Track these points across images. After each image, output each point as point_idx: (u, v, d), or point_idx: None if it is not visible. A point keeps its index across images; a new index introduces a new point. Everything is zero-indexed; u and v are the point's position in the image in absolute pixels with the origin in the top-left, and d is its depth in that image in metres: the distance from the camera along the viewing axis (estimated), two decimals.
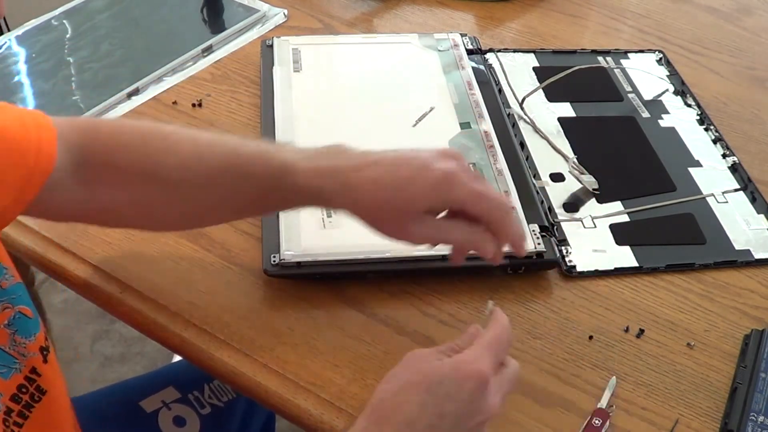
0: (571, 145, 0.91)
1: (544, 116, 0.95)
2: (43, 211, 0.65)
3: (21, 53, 0.99)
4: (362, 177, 0.64)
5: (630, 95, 0.99)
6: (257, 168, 0.65)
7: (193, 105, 0.93)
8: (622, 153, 0.92)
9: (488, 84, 0.96)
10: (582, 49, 1.06)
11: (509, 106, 0.95)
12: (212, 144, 0.67)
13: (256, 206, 0.70)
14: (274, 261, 0.73)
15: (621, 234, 0.81)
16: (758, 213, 0.85)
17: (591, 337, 0.72)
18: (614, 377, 0.69)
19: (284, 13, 1.08)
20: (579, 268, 0.78)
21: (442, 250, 0.74)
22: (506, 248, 0.75)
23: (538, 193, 0.83)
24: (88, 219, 0.71)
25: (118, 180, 0.66)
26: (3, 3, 1.01)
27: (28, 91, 0.93)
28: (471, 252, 0.75)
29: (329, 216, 0.77)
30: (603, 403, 0.67)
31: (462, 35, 1.02)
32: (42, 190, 0.61)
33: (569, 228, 0.82)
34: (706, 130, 0.95)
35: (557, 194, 0.85)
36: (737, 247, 0.81)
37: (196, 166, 0.65)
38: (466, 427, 0.56)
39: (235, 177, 0.65)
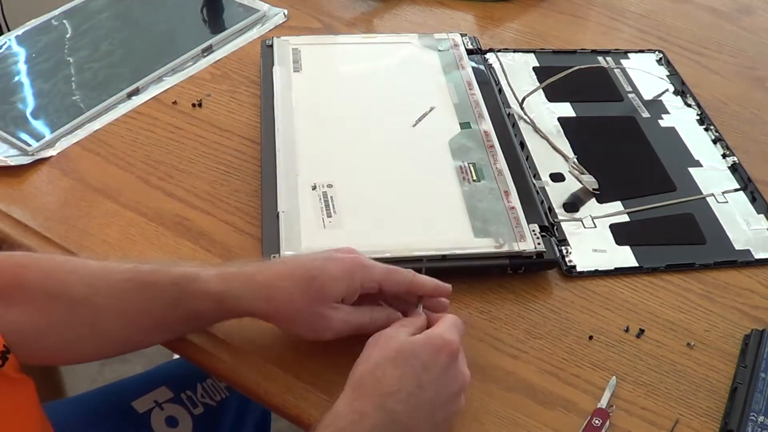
0: (571, 145, 0.91)
1: (544, 116, 0.95)
2: None
3: (21, 53, 0.99)
4: (271, 274, 0.64)
5: (630, 95, 0.99)
6: (159, 276, 0.65)
7: (193, 105, 0.93)
8: (622, 153, 0.92)
9: (488, 84, 0.96)
10: (582, 49, 1.06)
11: (509, 106, 0.95)
12: (115, 264, 0.67)
13: (165, 321, 0.66)
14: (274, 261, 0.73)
15: (621, 234, 0.81)
16: (758, 213, 0.85)
17: (591, 337, 0.72)
18: (614, 377, 0.69)
19: (284, 13, 1.08)
20: (579, 268, 0.78)
21: (442, 250, 0.74)
22: (505, 248, 0.75)
23: (538, 193, 0.83)
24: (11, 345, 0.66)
25: (25, 299, 0.65)
26: None
27: (28, 91, 0.93)
28: (472, 252, 0.75)
29: (329, 216, 0.77)
30: (603, 403, 0.67)
31: (462, 35, 1.02)
32: None
33: (569, 228, 0.82)
34: (706, 130, 0.95)
35: (557, 194, 0.85)
36: (737, 247, 0.81)
37: (99, 282, 0.65)
38: (444, 395, 0.61)
39: (139, 288, 0.65)
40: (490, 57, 1.02)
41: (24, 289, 0.65)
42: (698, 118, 0.97)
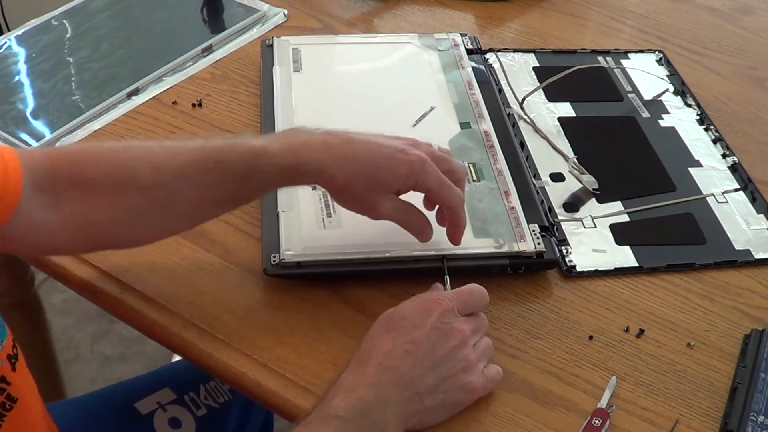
0: (571, 145, 0.91)
1: (544, 116, 0.95)
2: (12, 234, 0.63)
3: (21, 53, 0.99)
4: (338, 153, 0.66)
5: (630, 95, 0.99)
6: (226, 154, 0.66)
7: (193, 105, 0.93)
8: (622, 153, 0.92)
9: (488, 84, 0.96)
10: (582, 49, 1.06)
11: (509, 106, 0.95)
12: (179, 145, 0.67)
13: (235, 195, 0.69)
14: (274, 261, 0.73)
15: (621, 234, 0.81)
16: (758, 213, 0.85)
17: (591, 337, 0.72)
18: (614, 377, 0.69)
19: (284, 13, 1.08)
20: (579, 268, 0.78)
21: (442, 250, 0.74)
22: (505, 248, 0.75)
23: (538, 193, 0.83)
24: (62, 245, 0.68)
25: (91, 194, 0.65)
26: None
27: (28, 91, 0.93)
28: (472, 252, 0.75)
29: (329, 216, 0.77)
30: (603, 402, 0.67)
31: (462, 35, 1.02)
32: (9, 221, 0.61)
33: (569, 228, 0.82)
34: (706, 130, 0.95)
35: (557, 194, 0.85)
36: (737, 247, 0.81)
37: (169, 165, 0.66)
38: (443, 349, 0.63)
39: (208, 168, 0.66)
40: (490, 57, 1.02)
41: (90, 184, 0.65)
42: (698, 118, 0.97)
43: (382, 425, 0.59)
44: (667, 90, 1.00)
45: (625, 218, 0.83)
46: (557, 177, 0.87)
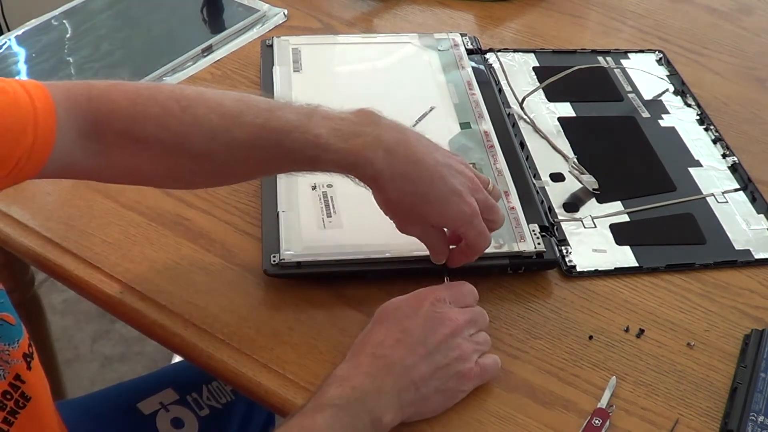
0: (571, 145, 0.91)
1: (544, 116, 0.95)
2: (50, 174, 0.64)
3: (21, 53, 0.99)
4: (398, 170, 0.65)
5: (630, 95, 0.99)
6: (290, 144, 0.65)
7: None
8: (622, 153, 0.92)
9: (488, 84, 0.96)
10: (582, 49, 1.06)
11: (509, 106, 0.95)
12: (240, 115, 0.65)
13: (285, 170, 0.72)
14: (274, 261, 0.73)
15: (621, 234, 0.81)
16: (758, 213, 0.85)
17: (591, 337, 0.72)
18: (614, 377, 0.69)
19: (284, 13, 1.08)
20: (579, 268, 0.78)
21: None
22: (505, 248, 0.75)
23: (538, 193, 0.83)
24: (102, 179, 0.71)
25: (139, 149, 0.65)
26: None
27: None
28: None
29: (329, 216, 0.77)
30: (603, 402, 0.67)
31: (462, 35, 1.02)
32: (43, 166, 0.61)
33: (569, 228, 0.82)
34: (706, 130, 0.95)
35: (557, 194, 0.85)
36: (737, 247, 0.81)
37: (224, 137, 0.65)
38: (436, 338, 0.63)
39: (263, 147, 0.65)
40: (490, 57, 1.02)
41: (140, 142, 0.65)
42: (698, 118, 0.97)
43: (377, 413, 0.60)
44: (667, 90, 1.00)
45: (625, 218, 0.83)
46: (557, 177, 0.87)
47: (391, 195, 0.66)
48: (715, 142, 0.94)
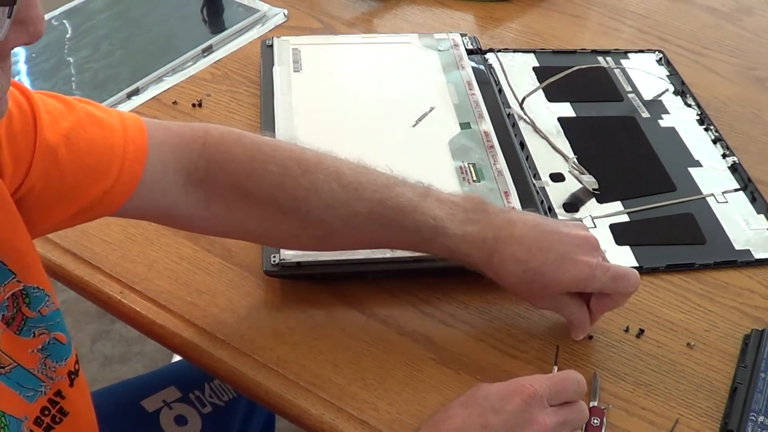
0: (571, 145, 0.91)
1: (544, 116, 0.95)
2: (136, 215, 0.64)
3: (21, 53, 0.99)
4: (507, 253, 0.65)
5: (630, 95, 0.99)
6: (408, 223, 0.65)
7: (193, 105, 0.93)
8: (622, 153, 0.92)
9: (488, 84, 0.96)
10: (582, 49, 1.06)
11: (509, 106, 0.95)
12: (360, 188, 0.65)
13: (394, 247, 0.70)
14: (274, 261, 0.73)
15: (621, 234, 0.81)
16: (758, 213, 0.85)
17: (591, 337, 0.72)
18: (595, 371, 0.69)
19: (284, 13, 1.08)
20: None
21: None
22: None
23: (538, 193, 0.83)
24: (194, 228, 0.70)
25: (248, 205, 0.65)
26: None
27: None
28: None
29: None
30: (595, 400, 0.67)
31: (462, 35, 1.02)
32: (124, 205, 0.61)
33: None
34: (706, 130, 0.95)
35: (557, 194, 0.85)
36: (737, 247, 0.81)
37: (340, 208, 0.65)
38: None
39: (381, 225, 0.66)
40: (490, 57, 1.02)
41: (252, 198, 0.64)
42: (698, 118, 0.97)
43: None
44: (667, 90, 1.00)
45: (625, 218, 0.83)
46: (557, 177, 0.87)
47: (508, 278, 0.66)
48: (715, 142, 0.93)
